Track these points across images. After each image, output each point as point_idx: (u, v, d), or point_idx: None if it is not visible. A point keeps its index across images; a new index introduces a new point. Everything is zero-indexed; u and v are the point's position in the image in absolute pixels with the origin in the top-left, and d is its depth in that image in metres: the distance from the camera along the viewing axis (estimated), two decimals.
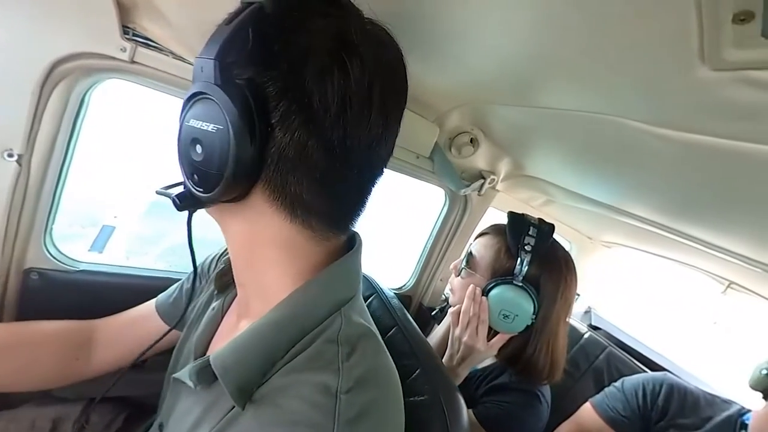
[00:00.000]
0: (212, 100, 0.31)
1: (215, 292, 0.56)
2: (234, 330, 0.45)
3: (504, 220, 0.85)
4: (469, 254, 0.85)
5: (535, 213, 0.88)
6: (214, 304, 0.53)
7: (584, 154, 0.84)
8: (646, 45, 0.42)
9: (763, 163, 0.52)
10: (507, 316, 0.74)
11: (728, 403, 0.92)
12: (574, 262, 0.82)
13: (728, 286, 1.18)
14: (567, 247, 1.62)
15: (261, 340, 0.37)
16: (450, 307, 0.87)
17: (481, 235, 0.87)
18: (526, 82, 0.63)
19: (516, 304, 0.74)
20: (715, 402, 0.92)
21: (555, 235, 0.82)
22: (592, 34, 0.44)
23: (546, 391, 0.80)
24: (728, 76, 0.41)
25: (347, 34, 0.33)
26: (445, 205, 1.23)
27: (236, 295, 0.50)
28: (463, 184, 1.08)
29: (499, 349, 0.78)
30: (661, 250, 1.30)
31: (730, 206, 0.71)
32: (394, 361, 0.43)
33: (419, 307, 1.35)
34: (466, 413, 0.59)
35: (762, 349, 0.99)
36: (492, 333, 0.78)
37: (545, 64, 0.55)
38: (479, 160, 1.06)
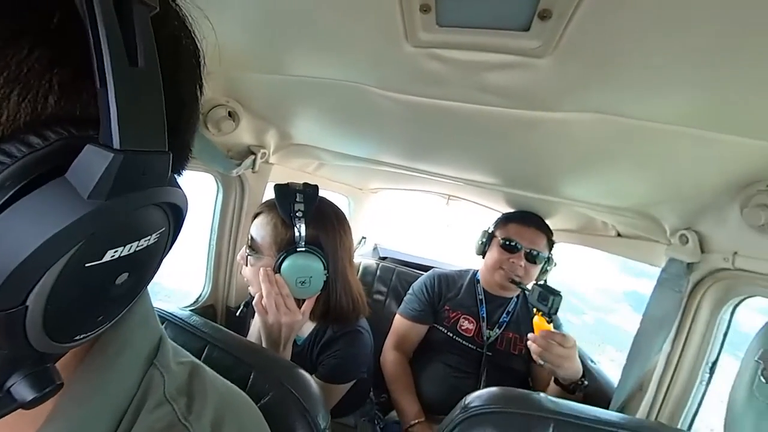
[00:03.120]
0: None
1: None
2: None
3: None
4: (250, 239, 0.83)
5: (311, 178, 0.92)
6: None
7: (339, 118, 0.93)
8: (368, 23, 0.49)
9: (453, 115, 0.71)
10: (304, 282, 0.77)
11: (467, 270, 1.37)
12: (353, 211, 0.93)
13: (449, 199, 1.70)
14: (344, 200, 1.87)
15: None
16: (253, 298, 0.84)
17: (255, 216, 0.85)
18: (276, 49, 0.62)
19: (307, 268, 0.77)
20: (461, 273, 1.36)
21: (332, 192, 0.89)
22: (330, 14, 0.50)
23: (363, 323, 0.92)
24: (423, 52, 0.52)
25: None
26: (219, 191, 1.09)
27: None
28: (233, 164, 0.98)
29: (312, 312, 0.82)
30: (408, 185, 1.69)
31: (442, 147, 0.97)
32: (225, 378, 0.40)
33: (229, 312, 1.20)
34: (313, 383, 0.63)
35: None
36: (299, 300, 0.80)
37: (294, 33, 0.56)
38: (244, 135, 0.97)
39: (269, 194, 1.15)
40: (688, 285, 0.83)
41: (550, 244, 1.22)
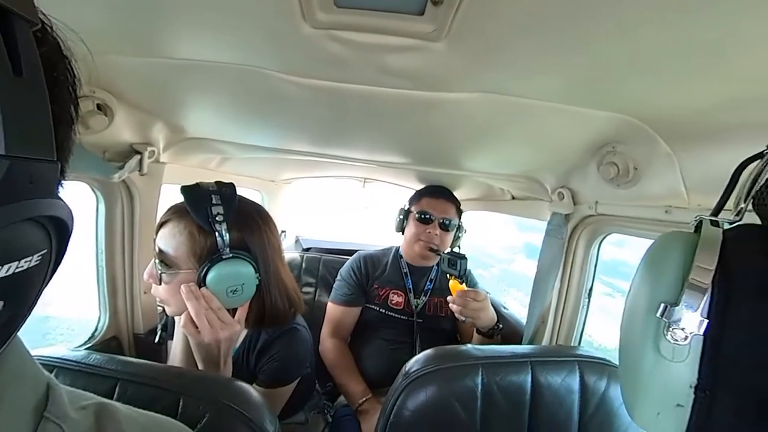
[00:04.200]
0: None
1: None
2: None
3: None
4: (160, 253, 0.71)
5: (214, 175, 0.84)
6: None
7: (240, 106, 0.85)
8: (262, 1, 0.45)
9: (359, 98, 0.72)
10: (236, 290, 0.71)
11: (389, 248, 1.43)
12: (268, 205, 0.88)
13: (365, 182, 1.73)
14: (257, 195, 1.75)
15: None
16: (169, 317, 0.74)
17: (161, 226, 0.73)
18: (151, 28, 0.54)
19: (238, 275, 0.71)
20: (384, 252, 1.42)
21: (242, 188, 0.82)
22: None
23: (299, 319, 0.89)
24: (323, 33, 0.51)
25: None
26: (99, 202, 0.92)
27: None
28: (113, 167, 0.83)
29: (246, 319, 0.77)
30: (323, 172, 1.66)
31: (352, 131, 0.97)
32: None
33: (138, 340, 1.04)
34: (253, 391, 0.59)
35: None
36: (231, 309, 0.74)
37: (171, 8, 0.48)
38: (123, 131, 0.83)
39: (166, 199, 1.02)
40: (567, 232, 1.01)
41: (459, 212, 1.35)
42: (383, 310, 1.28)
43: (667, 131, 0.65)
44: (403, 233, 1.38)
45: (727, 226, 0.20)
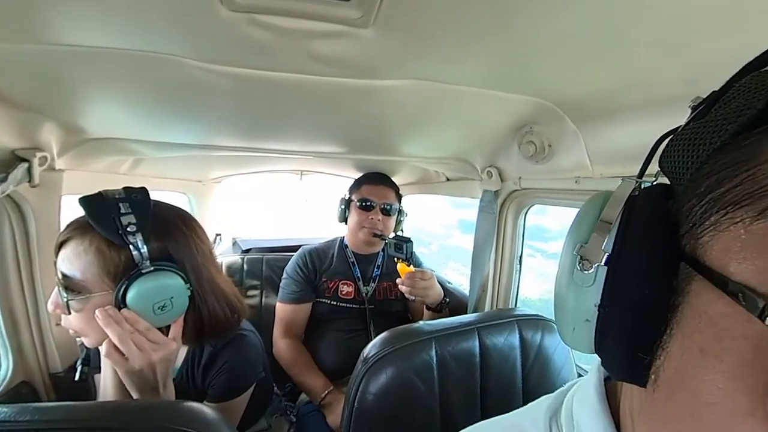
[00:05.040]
0: None
1: None
2: None
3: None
4: (64, 278, 0.62)
5: (129, 180, 0.74)
6: None
7: (152, 100, 0.76)
8: None
9: (288, 87, 0.68)
10: (164, 306, 0.64)
11: (334, 239, 1.43)
12: (196, 208, 0.80)
13: (301, 174, 1.68)
14: (182, 198, 1.60)
15: None
16: (90, 349, 0.67)
17: (61, 246, 0.63)
18: (23, 8, 0.45)
19: (164, 289, 0.64)
20: (329, 244, 1.41)
21: (163, 192, 0.74)
22: None
23: (245, 324, 0.85)
24: (243, 17, 0.47)
25: None
26: None
27: None
28: None
29: (183, 334, 0.71)
30: (256, 167, 1.56)
31: (284, 122, 0.92)
32: None
33: (56, 381, 0.90)
34: (205, 408, 0.55)
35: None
36: (163, 328, 0.68)
37: None
38: (1, 135, 0.69)
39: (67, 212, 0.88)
40: (497, 207, 1.10)
41: (399, 197, 1.39)
42: (334, 302, 1.28)
43: (573, 112, 0.74)
44: (346, 223, 1.38)
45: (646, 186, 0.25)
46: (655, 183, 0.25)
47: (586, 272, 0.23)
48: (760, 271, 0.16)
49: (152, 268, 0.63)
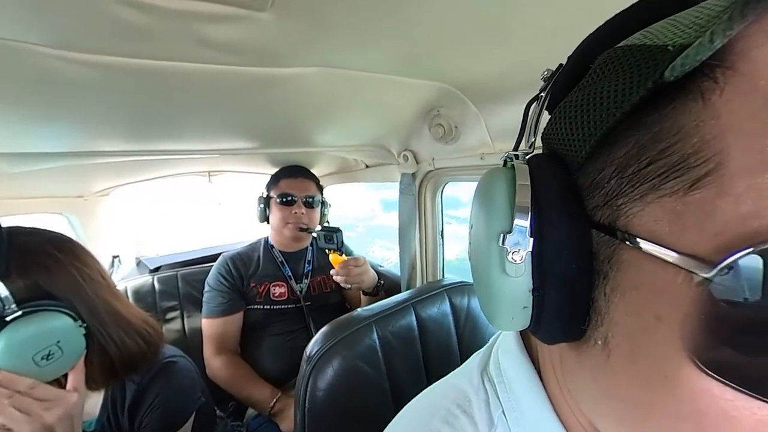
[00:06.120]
0: None
1: None
2: None
3: None
4: None
5: None
6: None
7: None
8: None
9: (179, 78, 0.61)
10: (50, 354, 0.54)
11: (257, 241, 1.36)
12: (79, 230, 0.68)
13: (209, 176, 1.52)
14: (60, 219, 1.32)
15: None
16: None
17: None
18: None
19: (44, 334, 0.54)
20: (253, 246, 1.34)
21: (32, 215, 0.61)
22: None
23: (168, 350, 0.76)
24: None
25: None
26: None
27: None
28: None
29: (89, 379, 0.61)
30: (152, 173, 1.37)
31: (179, 118, 0.81)
32: None
33: None
34: None
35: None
36: (56, 380, 0.57)
37: None
38: None
39: None
40: (416, 188, 1.16)
41: (320, 188, 1.37)
42: (268, 306, 1.22)
43: (472, 95, 0.81)
44: (268, 222, 1.32)
45: (524, 159, 0.25)
46: (531, 152, 0.25)
47: (516, 264, 0.22)
48: (699, 240, 0.16)
49: (20, 313, 0.52)
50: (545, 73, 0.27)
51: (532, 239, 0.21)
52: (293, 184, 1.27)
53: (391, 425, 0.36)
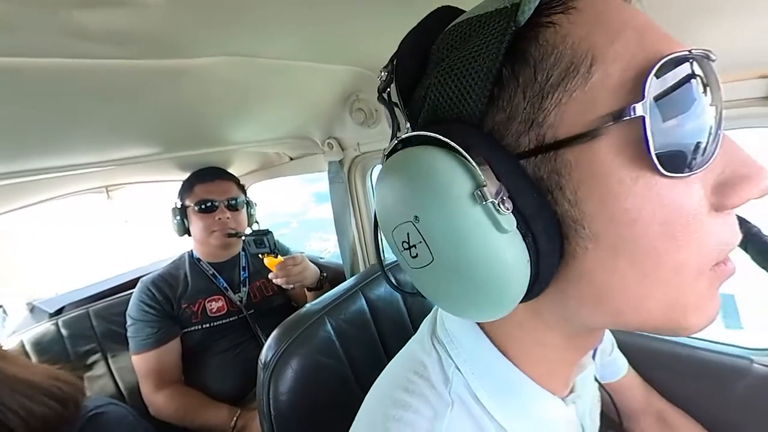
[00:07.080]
0: None
1: None
2: None
3: None
4: None
5: None
6: None
7: None
8: None
9: (55, 77, 0.51)
10: None
11: (180, 256, 1.24)
12: None
13: (107, 191, 1.31)
14: None
15: None
16: None
17: None
18: None
19: None
20: (176, 264, 1.22)
21: None
22: None
23: (92, 402, 0.66)
24: None
25: None
26: None
27: None
28: None
29: None
30: (31, 197, 1.13)
31: (63, 126, 0.67)
32: None
33: None
34: None
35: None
36: None
37: None
38: None
39: None
40: (345, 175, 1.16)
41: (242, 188, 1.28)
42: (207, 324, 1.12)
43: None
44: (189, 234, 1.19)
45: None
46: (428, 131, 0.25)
47: (508, 214, 0.21)
48: (614, 99, 0.20)
49: None
50: (382, 73, 0.30)
51: (515, 217, 0.22)
52: (211, 188, 1.16)
53: (362, 409, 0.38)
